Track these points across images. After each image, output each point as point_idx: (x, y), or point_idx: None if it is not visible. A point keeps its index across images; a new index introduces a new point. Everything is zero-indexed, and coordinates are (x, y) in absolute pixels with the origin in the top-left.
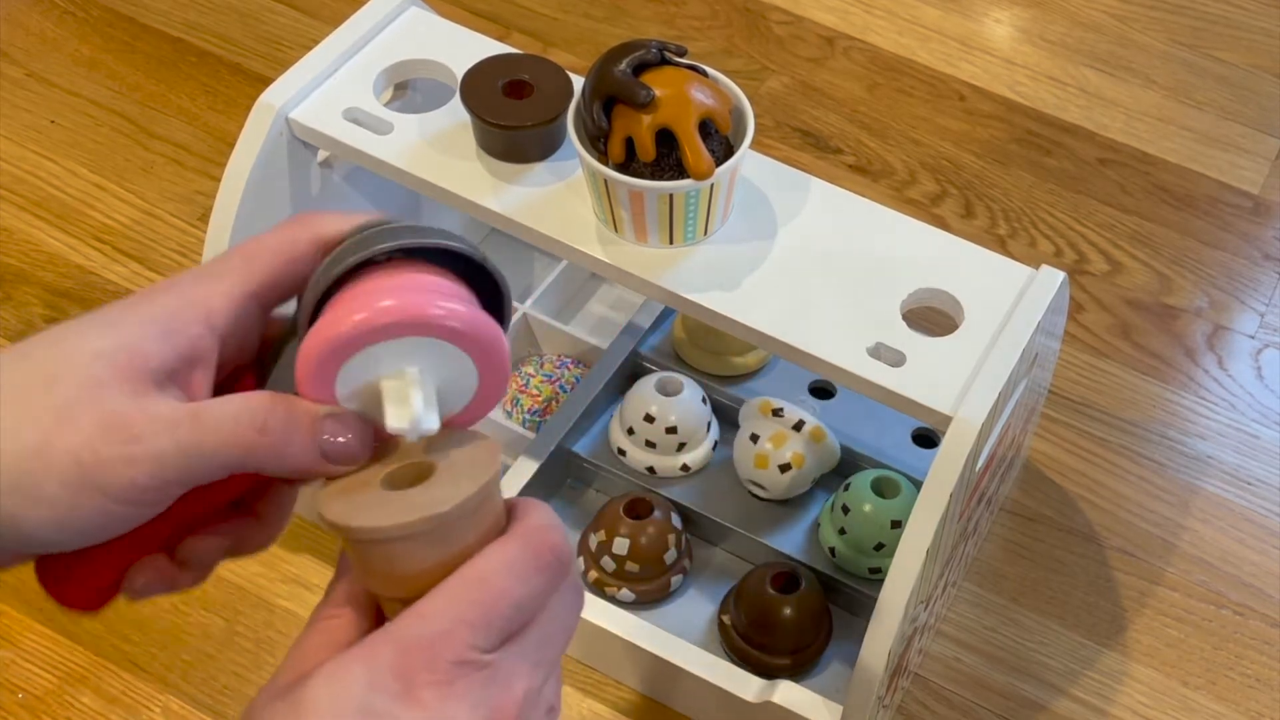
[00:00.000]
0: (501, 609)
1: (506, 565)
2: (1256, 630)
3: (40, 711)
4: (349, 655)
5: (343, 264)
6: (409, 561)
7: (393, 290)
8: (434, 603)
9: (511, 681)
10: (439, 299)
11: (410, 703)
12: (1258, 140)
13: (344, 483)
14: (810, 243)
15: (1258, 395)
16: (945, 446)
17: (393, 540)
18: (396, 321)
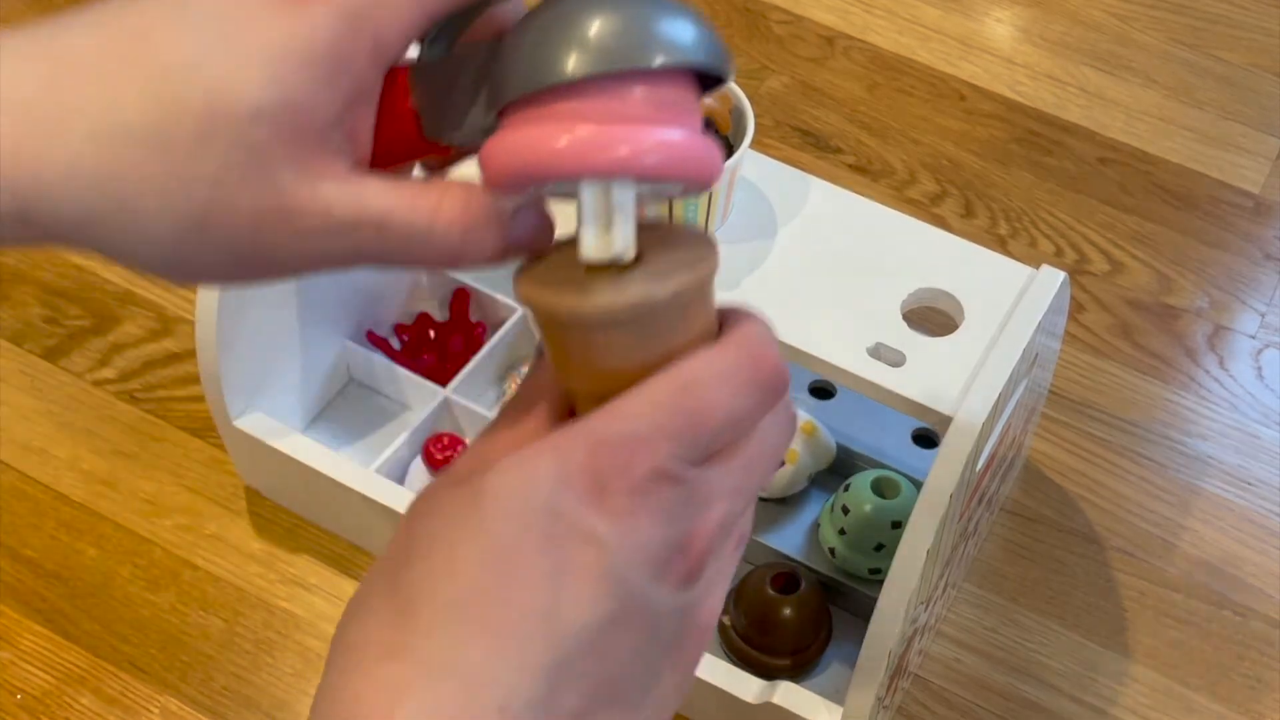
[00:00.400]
0: (709, 422)
1: (719, 375)
2: (1258, 631)
3: (39, 712)
4: (538, 447)
5: (587, 63)
6: (612, 354)
7: (643, 122)
8: (635, 403)
9: (709, 504)
10: (694, 150)
11: (599, 508)
12: (1258, 140)
13: (545, 261)
14: (810, 243)
15: (1259, 395)
16: (945, 447)
17: (597, 327)
18: (656, 167)
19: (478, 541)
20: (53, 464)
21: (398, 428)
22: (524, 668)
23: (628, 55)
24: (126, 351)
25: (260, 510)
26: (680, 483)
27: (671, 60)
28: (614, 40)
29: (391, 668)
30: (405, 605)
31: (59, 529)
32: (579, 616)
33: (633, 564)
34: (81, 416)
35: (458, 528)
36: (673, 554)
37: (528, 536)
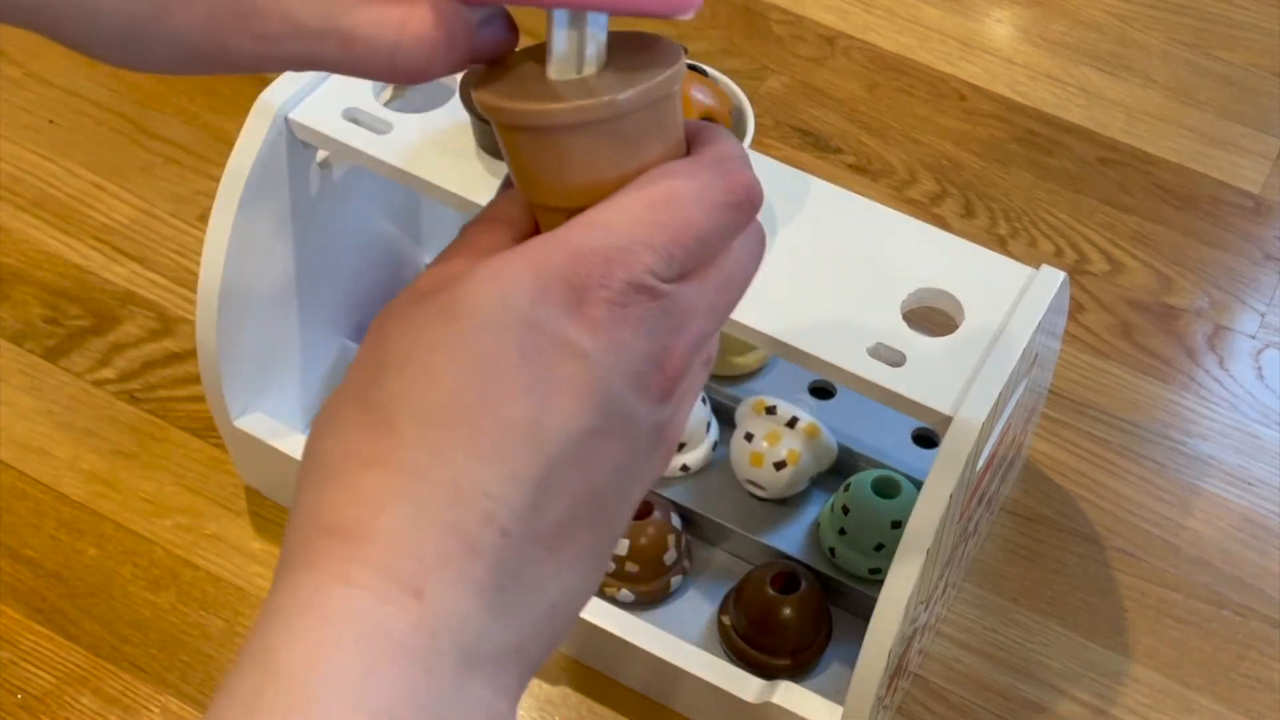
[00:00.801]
0: (686, 239)
1: (695, 193)
2: (1258, 631)
3: (39, 712)
4: (514, 255)
5: None
6: (581, 160)
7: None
8: (612, 213)
9: (687, 320)
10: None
11: (579, 319)
12: (1259, 140)
13: (506, 69)
14: (810, 243)
15: (1259, 395)
16: (945, 447)
17: (565, 130)
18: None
19: (456, 353)
20: (53, 464)
21: None
22: (510, 478)
23: None
24: (127, 351)
25: (261, 510)
26: (658, 296)
27: None
28: None
29: (373, 476)
30: (382, 418)
31: (59, 529)
32: (564, 427)
33: (615, 376)
34: (82, 416)
35: (433, 339)
36: (652, 368)
37: (508, 347)
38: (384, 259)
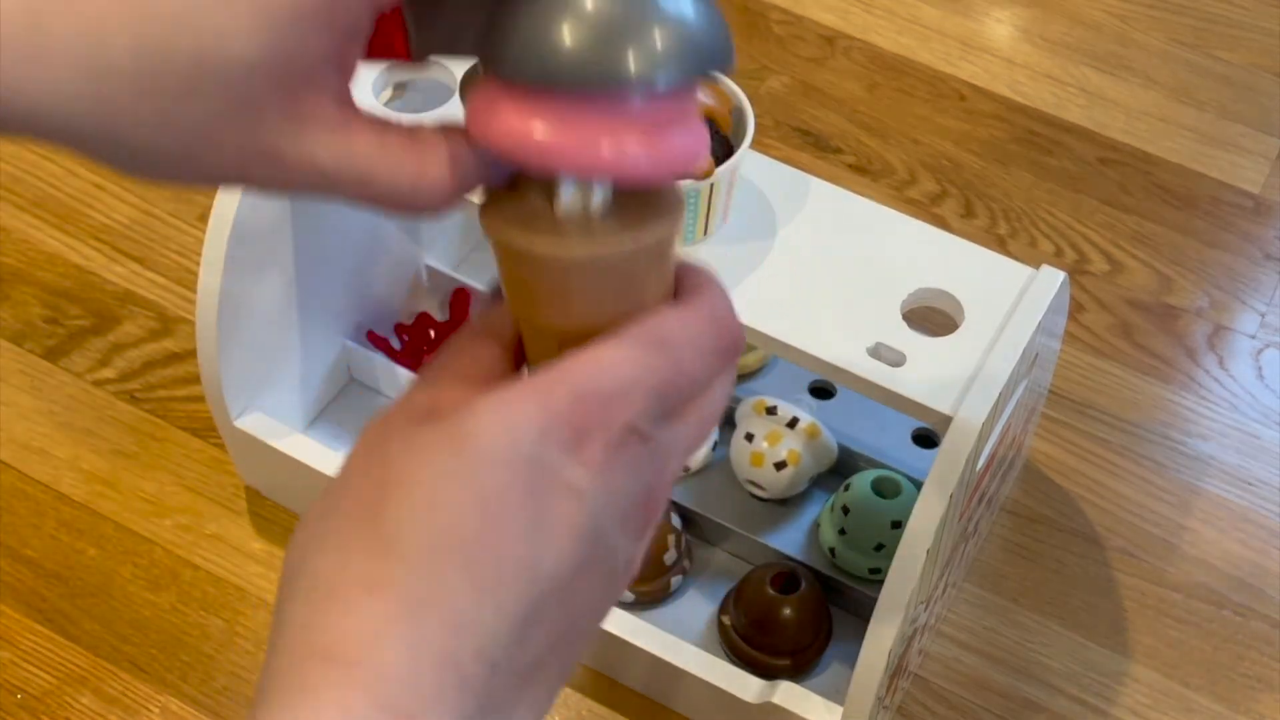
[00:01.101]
0: (679, 383)
1: (690, 338)
2: (1258, 631)
3: (39, 712)
4: (521, 392)
5: (583, 73)
6: (582, 295)
7: (637, 128)
8: (614, 354)
9: (669, 460)
10: (680, 156)
11: (578, 460)
12: (1258, 140)
13: (513, 194)
14: (810, 243)
15: (1259, 395)
16: (945, 447)
17: (571, 267)
18: (639, 173)
19: (463, 486)
20: (53, 464)
21: None
22: (502, 613)
23: (633, 71)
24: (127, 351)
25: (261, 510)
26: (649, 439)
27: (679, 76)
28: (618, 50)
29: (374, 603)
30: (386, 544)
31: (59, 529)
32: (556, 567)
33: (605, 516)
34: (82, 416)
35: (441, 470)
36: (636, 508)
37: (513, 485)
38: (384, 259)
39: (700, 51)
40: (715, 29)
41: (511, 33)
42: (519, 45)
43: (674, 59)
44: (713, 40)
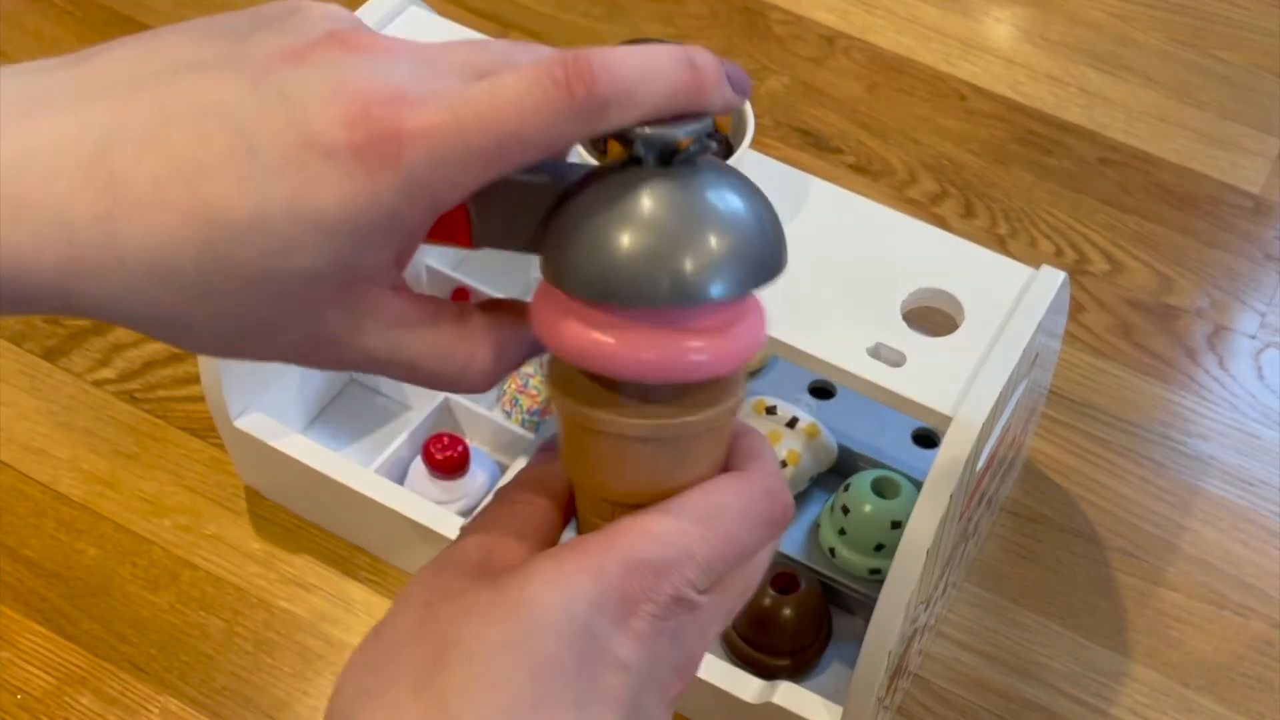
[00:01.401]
0: (727, 555)
1: (741, 510)
2: (1258, 631)
3: (39, 712)
4: (575, 560)
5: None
6: (640, 465)
7: (697, 338)
8: (666, 525)
9: (709, 628)
10: (735, 355)
11: (626, 631)
12: (1259, 140)
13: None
14: (810, 243)
15: (1259, 395)
16: (945, 447)
17: (634, 440)
18: (698, 378)
19: (520, 655)
20: (52, 464)
21: (398, 428)
22: None
23: (689, 292)
24: (126, 351)
25: (260, 510)
26: (694, 609)
27: (735, 291)
28: (675, 271)
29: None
30: (442, 709)
31: (59, 529)
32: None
33: (646, 688)
34: (81, 416)
35: (498, 639)
36: (674, 676)
37: (566, 656)
38: None
39: (757, 264)
40: (769, 239)
41: (571, 249)
42: (578, 265)
43: (730, 276)
44: (767, 252)
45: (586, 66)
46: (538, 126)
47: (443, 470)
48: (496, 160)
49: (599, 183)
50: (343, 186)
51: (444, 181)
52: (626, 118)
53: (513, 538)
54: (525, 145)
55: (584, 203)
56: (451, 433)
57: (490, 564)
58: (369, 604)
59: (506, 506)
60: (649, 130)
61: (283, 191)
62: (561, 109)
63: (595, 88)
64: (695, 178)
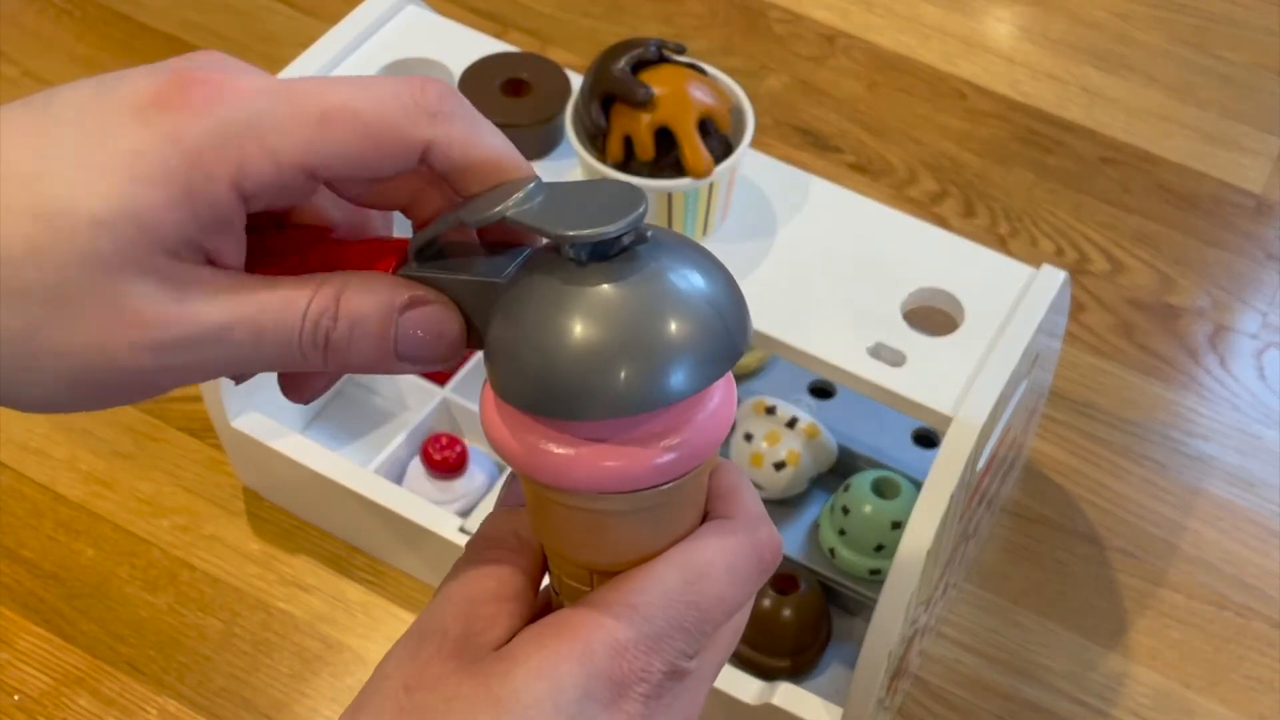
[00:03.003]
0: (717, 615)
1: (727, 565)
2: (1259, 632)
3: (36, 713)
4: (559, 649)
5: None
6: (618, 536)
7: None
8: (650, 595)
9: (701, 687)
10: (701, 452)
11: (617, 714)
12: (1260, 139)
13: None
14: (810, 242)
15: (1260, 396)
16: (946, 447)
17: (611, 514)
18: (663, 483)
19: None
20: (50, 464)
21: (395, 428)
22: None
23: (639, 401)
24: None
25: (258, 511)
26: (685, 675)
27: (690, 390)
28: (625, 386)
29: None
30: None
31: (57, 529)
32: None
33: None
34: (79, 417)
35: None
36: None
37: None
38: None
39: (714, 355)
40: (726, 323)
41: (510, 364)
42: (517, 381)
43: (685, 374)
44: (724, 339)
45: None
46: (373, 119)
47: (441, 470)
48: (312, 136)
49: (534, 286)
50: (138, 129)
51: (251, 142)
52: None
53: (491, 602)
54: (340, 131)
55: (520, 312)
56: (449, 433)
57: (471, 639)
58: (367, 605)
59: (480, 566)
60: (575, 233)
61: (76, 141)
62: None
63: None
64: (636, 273)
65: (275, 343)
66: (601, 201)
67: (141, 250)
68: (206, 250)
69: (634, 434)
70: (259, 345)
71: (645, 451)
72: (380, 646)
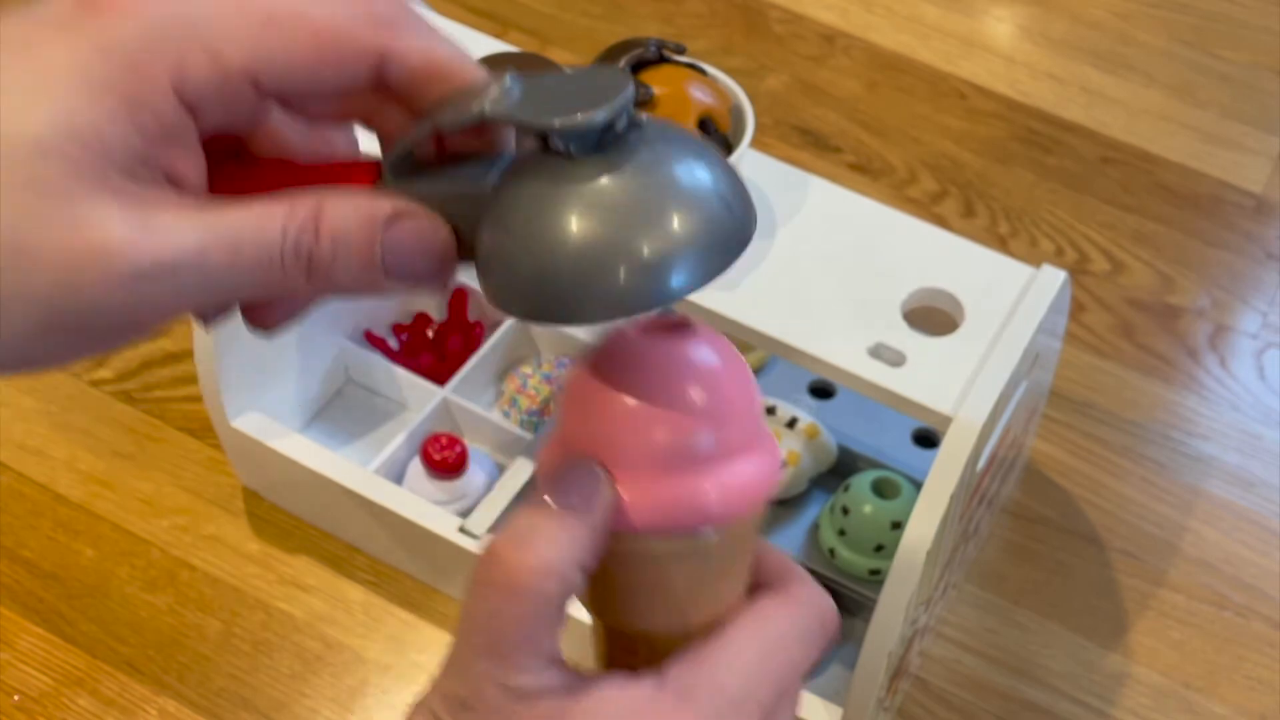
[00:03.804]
0: (793, 681)
1: (798, 635)
2: (1259, 632)
3: (36, 714)
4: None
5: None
6: (675, 587)
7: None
8: (730, 670)
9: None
10: (754, 496)
11: None
12: (1260, 139)
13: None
14: (810, 242)
15: (1260, 396)
16: (946, 447)
17: (665, 559)
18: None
19: None
20: (50, 464)
21: (396, 428)
22: None
23: (655, 293)
24: (124, 351)
25: (258, 511)
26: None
27: (701, 281)
28: (636, 280)
29: None
30: None
31: (56, 529)
32: None
33: None
34: (79, 417)
35: None
36: None
37: None
38: None
39: (724, 244)
40: (732, 210)
41: (507, 273)
42: (516, 287)
43: (696, 264)
44: (733, 225)
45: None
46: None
47: (441, 470)
48: (257, 38)
49: (524, 188)
50: (69, 37)
51: (186, 45)
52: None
53: (547, 668)
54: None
55: (512, 217)
56: (450, 433)
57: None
58: (367, 605)
59: (514, 624)
60: (562, 122)
61: (10, 58)
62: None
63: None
64: (631, 162)
65: (255, 265)
66: (584, 88)
67: (93, 172)
68: (164, 168)
69: (687, 474)
70: (237, 268)
71: (703, 485)
72: (380, 646)
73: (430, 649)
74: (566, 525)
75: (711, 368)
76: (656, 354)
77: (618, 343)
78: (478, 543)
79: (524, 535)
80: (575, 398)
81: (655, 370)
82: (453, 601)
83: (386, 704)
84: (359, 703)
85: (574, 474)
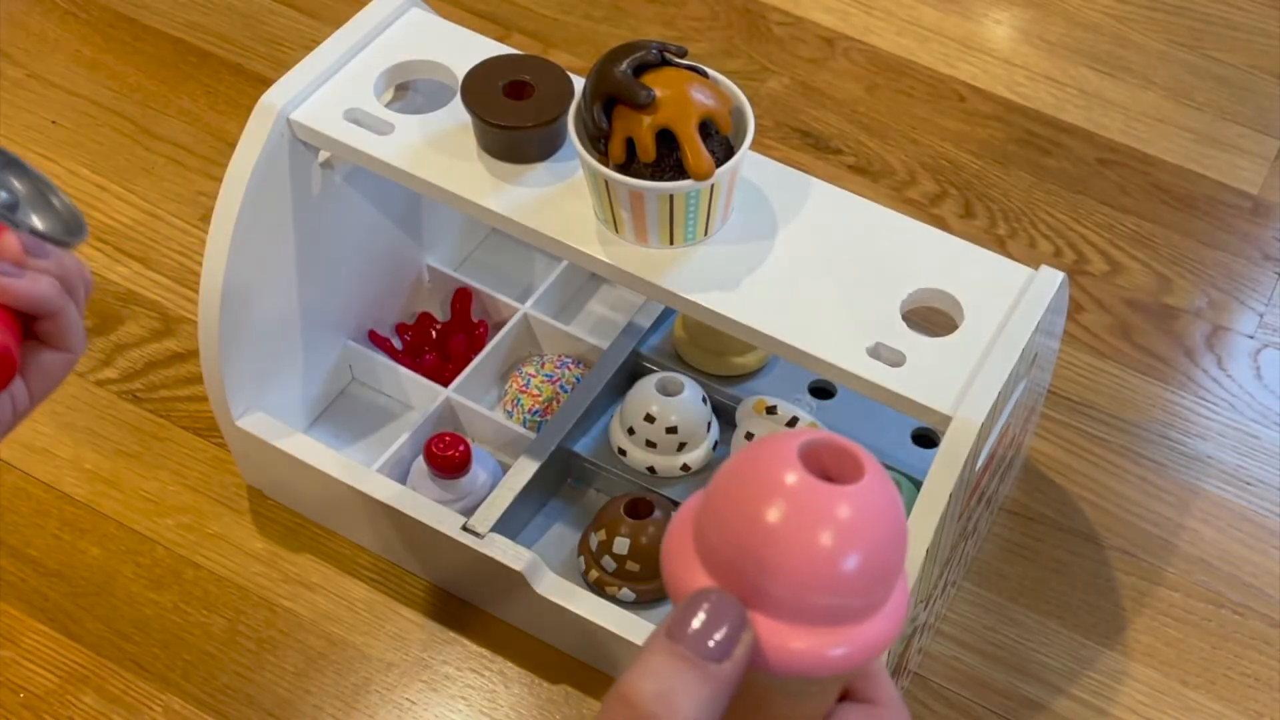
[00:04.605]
0: None
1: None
2: (1256, 630)
3: (42, 711)
4: None
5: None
6: (775, 711)
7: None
8: None
9: None
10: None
11: None
12: (1257, 140)
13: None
14: (810, 243)
15: (1257, 395)
16: (945, 446)
17: (770, 692)
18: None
19: None
20: (55, 464)
21: (400, 427)
22: None
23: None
24: (129, 351)
25: (262, 510)
26: None
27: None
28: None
29: None
30: None
31: (62, 528)
32: None
33: None
34: (84, 416)
35: None
36: None
37: None
38: (385, 259)
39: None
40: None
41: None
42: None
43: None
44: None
45: None
46: None
47: (444, 470)
48: None
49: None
50: None
51: None
52: None
53: None
54: None
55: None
56: (453, 432)
57: None
58: (371, 603)
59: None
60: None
61: None
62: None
63: None
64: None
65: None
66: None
67: None
68: None
69: (826, 632)
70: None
71: (839, 643)
72: (384, 645)
73: (433, 647)
74: (709, 679)
75: (882, 527)
76: (832, 504)
77: (782, 465)
78: (479, 541)
79: (665, 688)
80: (732, 518)
81: (828, 524)
82: (454, 599)
83: (390, 701)
84: (363, 700)
85: (720, 617)
